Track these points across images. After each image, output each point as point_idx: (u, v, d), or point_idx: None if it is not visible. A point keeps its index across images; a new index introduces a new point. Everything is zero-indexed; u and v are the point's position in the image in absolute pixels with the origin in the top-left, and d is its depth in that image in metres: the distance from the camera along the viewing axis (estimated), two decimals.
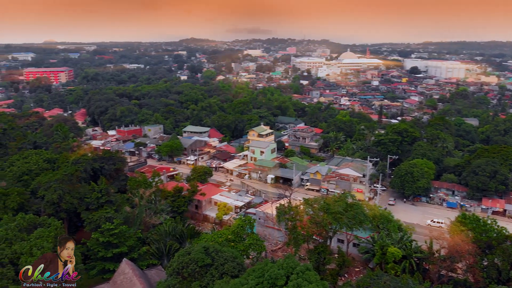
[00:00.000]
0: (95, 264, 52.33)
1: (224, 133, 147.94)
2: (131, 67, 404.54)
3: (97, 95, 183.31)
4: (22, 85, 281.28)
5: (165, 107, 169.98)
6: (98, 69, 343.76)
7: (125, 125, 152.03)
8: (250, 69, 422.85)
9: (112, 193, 63.17)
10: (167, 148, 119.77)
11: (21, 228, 44.08)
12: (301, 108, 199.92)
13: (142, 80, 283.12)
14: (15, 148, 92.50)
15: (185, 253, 42.52)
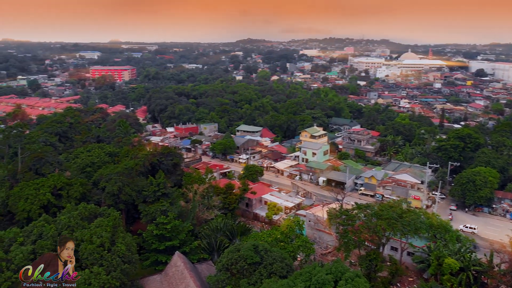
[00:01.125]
0: (149, 256, 54.47)
1: (276, 133, 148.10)
2: (190, 67, 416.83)
3: (157, 93, 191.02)
4: (88, 82, 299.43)
5: (220, 106, 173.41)
6: (158, 69, 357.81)
7: (182, 123, 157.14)
8: (305, 69, 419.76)
9: (168, 187, 65.32)
10: (220, 146, 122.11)
11: (83, 217, 46.75)
12: (357, 110, 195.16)
13: (200, 79, 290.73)
14: (80, 142, 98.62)
15: (234, 250, 43.03)
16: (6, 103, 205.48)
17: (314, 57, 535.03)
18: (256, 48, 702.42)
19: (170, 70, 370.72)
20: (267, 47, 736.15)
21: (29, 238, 41.67)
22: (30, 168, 68.28)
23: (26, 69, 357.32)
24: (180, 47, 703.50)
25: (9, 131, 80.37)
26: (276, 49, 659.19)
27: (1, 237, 41.28)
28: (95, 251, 40.72)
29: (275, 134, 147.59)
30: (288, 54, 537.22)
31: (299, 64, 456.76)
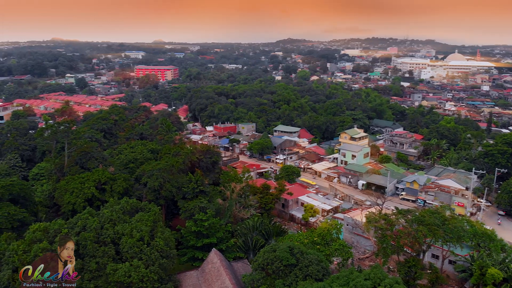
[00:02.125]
0: (187, 251, 55.50)
1: (314, 134, 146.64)
2: (230, 67, 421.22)
3: (198, 93, 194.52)
4: (133, 81, 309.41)
5: (258, 106, 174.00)
6: (200, 69, 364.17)
7: (221, 122, 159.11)
8: (346, 69, 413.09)
9: (206, 184, 66.27)
10: (258, 146, 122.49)
11: (125, 211, 48.22)
12: (400, 112, 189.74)
13: (239, 80, 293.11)
14: (124, 138, 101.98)
15: (270, 250, 42.96)
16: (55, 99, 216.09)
17: (356, 57, 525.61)
18: (296, 48, 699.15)
19: (211, 70, 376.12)
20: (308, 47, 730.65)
21: (73, 230, 43.41)
22: (76, 163, 71.30)
23: (74, 67, 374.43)
24: (221, 47, 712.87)
25: (57, 127, 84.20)
26: (317, 49, 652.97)
27: (47, 228, 43.23)
28: (135, 245, 41.93)
29: (313, 135, 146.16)
30: (329, 54, 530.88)
31: (340, 64, 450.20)
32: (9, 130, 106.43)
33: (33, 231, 42.35)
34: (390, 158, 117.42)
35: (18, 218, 54.08)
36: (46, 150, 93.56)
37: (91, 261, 40.26)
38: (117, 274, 39.46)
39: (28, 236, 41.80)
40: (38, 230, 42.51)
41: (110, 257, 41.38)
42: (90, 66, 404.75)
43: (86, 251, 40.92)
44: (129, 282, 39.46)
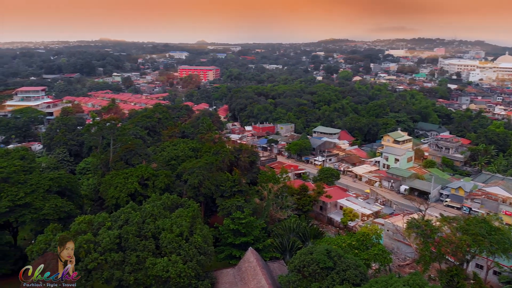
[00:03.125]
0: (224, 249, 56.08)
1: (355, 136, 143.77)
2: (271, 67, 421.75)
3: (238, 93, 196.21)
4: (176, 81, 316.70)
5: (298, 106, 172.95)
6: (241, 69, 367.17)
7: (260, 122, 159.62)
8: (390, 70, 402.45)
9: (244, 184, 66.69)
10: (296, 146, 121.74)
11: (165, 207, 49.39)
12: (447, 115, 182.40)
13: (279, 80, 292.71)
14: (167, 136, 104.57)
15: (307, 252, 42.55)
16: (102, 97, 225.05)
17: (401, 57, 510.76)
18: (339, 48, 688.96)
19: (251, 70, 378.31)
20: (350, 47, 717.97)
21: (116, 223, 44.91)
22: (121, 159, 73.87)
23: (120, 67, 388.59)
24: (262, 47, 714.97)
25: (104, 124, 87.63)
26: (360, 49, 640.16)
27: (91, 220, 45.02)
28: (174, 240, 42.84)
29: (355, 137, 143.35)
30: (373, 54, 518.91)
31: (384, 64, 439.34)
32: (58, 125, 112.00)
33: (78, 223, 44.27)
34: (435, 163, 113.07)
35: (65, 210, 56.74)
36: (92, 146, 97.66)
37: (132, 254, 41.52)
38: (155, 268, 40.48)
39: (74, 227, 43.71)
40: (83, 222, 44.39)
41: (150, 251, 42.48)
42: (136, 66, 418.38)
43: (128, 244, 42.24)
44: (167, 277, 40.36)
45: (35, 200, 55.69)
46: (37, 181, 58.43)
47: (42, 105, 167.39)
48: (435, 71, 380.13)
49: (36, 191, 56.78)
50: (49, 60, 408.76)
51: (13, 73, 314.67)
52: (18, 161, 63.06)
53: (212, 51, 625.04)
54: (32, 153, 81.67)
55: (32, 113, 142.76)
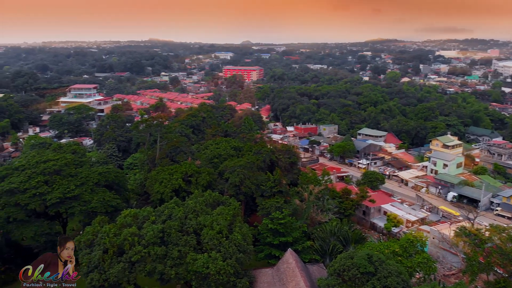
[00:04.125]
0: (263, 248, 56.18)
1: (402, 140, 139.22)
2: (315, 67, 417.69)
3: (281, 93, 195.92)
4: (221, 81, 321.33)
5: (342, 107, 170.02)
6: (284, 69, 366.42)
7: (302, 123, 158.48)
8: (440, 71, 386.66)
9: (284, 184, 66.50)
10: (339, 148, 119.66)
11: (207, 203, 50.20)
12: (500, 120, 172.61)
13: (324, 80, 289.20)
14: (210, 135, 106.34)
15: (348, 257, 41.72)
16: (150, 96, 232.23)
17: (452, 58, 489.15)
18: (387, 48, 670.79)
19: (295, 70, 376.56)
20: (399, 47, 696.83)
21: (160, 218, 46.19)
22: (167, 155, 76.01)
23: (168, 66, 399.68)
24: (307, 47, 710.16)
25: (151, 121, 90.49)
26: (409, 50, 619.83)
27: (137, 214, 46.57)
28: (215, 237, 43.45)
29: (401, 140, 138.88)
30: (422, 54, 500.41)
31: (434, 65, 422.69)
32: (108, 122, 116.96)
33: (124, 216, 45.94)
34: (486, 170, 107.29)
35: (112, 203, 59.13)
36: (140, 142, 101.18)
37: (174, 249, 42.53)
38: (196, 264, 41.22)
39: (120, 220, 45.40)
40: (129, 215, 46.01)
41: (192, 247, 43.31)
42: (183, 66, 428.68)
43: (170, 239, 43.32)
44: (207, 273, 40.99)
45: (84, 193, 58.45)
46: (87, 174, 61.32)
47: (94, 102, 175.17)
48: (489, 73, 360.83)
49: (85, 184, 59.59)
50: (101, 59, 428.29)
51: (67, 71, 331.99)
52: (70, 155, 66.50)
53: (257, 51, 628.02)
54: (83, 147, 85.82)
55: (84, 109, 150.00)
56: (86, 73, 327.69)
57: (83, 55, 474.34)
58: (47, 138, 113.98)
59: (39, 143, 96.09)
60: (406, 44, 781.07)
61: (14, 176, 59.08)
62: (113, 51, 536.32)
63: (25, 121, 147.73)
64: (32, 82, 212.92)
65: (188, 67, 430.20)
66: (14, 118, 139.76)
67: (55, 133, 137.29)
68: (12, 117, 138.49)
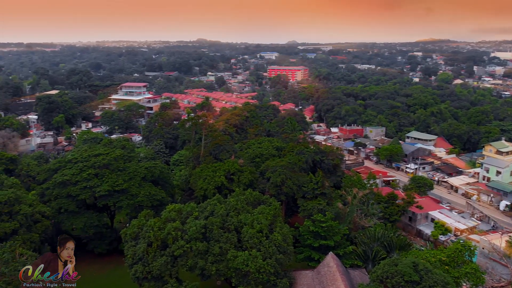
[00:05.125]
0: (303, 250, 55.71)
1: (453, 144, 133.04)
2: (362, 67, 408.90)
3: (326, 93, 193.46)
4: (265, 81, 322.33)
5: (390, 109, 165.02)
6: (330, 69, 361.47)
7: (347, 124, 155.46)
8: (496, 74, 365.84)
9: (327, 186, 65.55)
10: (386, 151, 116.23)
11: (248, 202, 50.51)
12: None
13: (371, 81, 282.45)
14: (253, 134, 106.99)
15: (391, 263, 40.41)
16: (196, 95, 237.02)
17: (508, 60, 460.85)
18: (438, 49, 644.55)
19: (341, 70, 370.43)
20: (452, 48, 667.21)
21: (202, 214, 47.01)
22: (210, 153, 77.35)
23: (215, 66, 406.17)
24: (354, 47, 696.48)
25: (197, 120, 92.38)
26: (462, 50, 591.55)
27: (181, 209, 47.68)
28: (255, 236, 43.59)
29: (452, 145, 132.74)
30: (476, 56, 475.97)
31: (488, 67, 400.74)
32: (156, 119, 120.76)
33: (168, 211, 47.20)
34: None
35: (158, 198, 61.05)
36: (186, 140, 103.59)
37: (215, 245, 43.10)
38: (236, 261, 41.55)
39: (164, 215, 46.72)
40: (173, 210, 47.23)
41: (232, 244, 43.72)
42: (229, 66, 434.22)
43: (212, 235, 43.96)
44: (247, 271, 41.20)
45: (132, 187, 60.74)
46: (135, 169, 63.69)
47: (143, 100, 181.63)
48: None
49: (133, 178, 61.91)
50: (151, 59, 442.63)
51: (119, 69, 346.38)
52: (119, 150, 69.31)
53: (302, 51, 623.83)
54: (132, 143, 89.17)
55: (134, 107, 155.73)
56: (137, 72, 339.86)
57: (134, 54, 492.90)
58: (98, 133, 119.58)
59: (91, 138, 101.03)
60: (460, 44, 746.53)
61: (66, 168, 62.49)
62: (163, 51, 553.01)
63: (78, 117, 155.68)
64: (85, 79, 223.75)
65: (233, 67, 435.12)
66: (68, 113, 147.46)
67: (106, 128, 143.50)
68: (67, 113, 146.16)
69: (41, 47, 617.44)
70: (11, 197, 50.83)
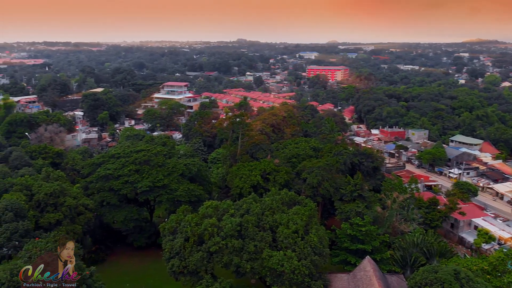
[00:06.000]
0: (339, 253, 54.87)
1: (500, 149, 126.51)
2: (405, 68, 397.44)
3: (366, 94, 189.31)
4: (303, 81, 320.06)
5: (434, 111, 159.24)
6: (372, 69, 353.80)
7: (389, 126, 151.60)
8: None
9: (366, 189, 64.26)
10: (429, 155, 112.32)
11: (284, 202, 50.36)
12: None
13: (414, 82, 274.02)
14: (289, 134, 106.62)
15: (431, 270, 39.01)
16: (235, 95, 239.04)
17: None
18: (486, 50, 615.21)
19: (383, 71, 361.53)
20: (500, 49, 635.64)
21: (238, 211, 47.37)
22: (247, 152, 77.89)
23: (253, 66, 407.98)
24: (397, 47, 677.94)
25: (234, 119, 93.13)
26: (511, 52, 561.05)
27: (217, 206, 48.30)
28: (290, 236, 43.39)
29: (499, 150, 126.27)
30: None
31: None
32: (196, 118, 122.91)
33: (206, 207, 47.96)
34: None
35: (195, 194, 62.16)
36: (223, 138, 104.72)
37: (250, 243, 43.29)
38: (271, 261, 41.54)
39: (202, 211, 47.51)
40: (210, 207, 47.92)
41: (267, 243, 43.76)
42: (267, 66, 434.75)
43: (247, 233, 44.18)
44: (282, 271, 41.09)
45: (171, 183, 62.22)
46: (174, 165, 65.16)
47: (184, 99, 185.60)
48: None
49: (172, 174, 63.35)
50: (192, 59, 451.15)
51: (161, 69, 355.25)
52: (160, 146, 71.15)
53: (343, 50, 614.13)
54: (172, 141, 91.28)
55: (175, 105, 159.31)
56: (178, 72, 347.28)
57: (176, 54, 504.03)
58: (140, 130, 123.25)
59: (133, 134, 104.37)
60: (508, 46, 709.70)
61: (109, 163, 64.87)
62: (204, 51, 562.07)
63: (122, 114, 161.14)
64: (129, 78, 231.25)
65: (272, 67, 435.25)
66: (112, 110, 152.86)
67: (148, 126, 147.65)
68: (111, 110, 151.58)
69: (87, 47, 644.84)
70: (57, 189, 53.34)
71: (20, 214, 47.31)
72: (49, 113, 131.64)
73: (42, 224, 50.13)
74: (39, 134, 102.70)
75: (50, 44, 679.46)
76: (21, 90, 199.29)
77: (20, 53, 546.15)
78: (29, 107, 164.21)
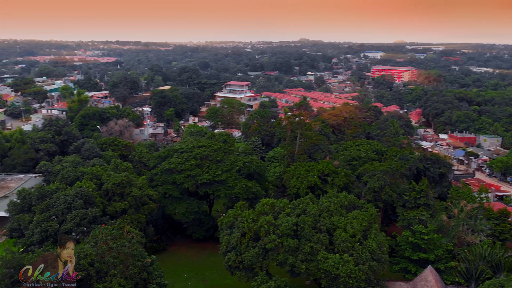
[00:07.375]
0: (399, 261, 52.75)
1: None
2: (478, 70, 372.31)
3: (435, 96, 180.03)
4: (367, 81, 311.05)
5: (508, 117, 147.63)
6: (442, 71, 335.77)
7: (458, 131, 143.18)
8: None
9: (431, 197, 61.22)
10: (501, 164, 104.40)
11: (342, 205, 49.28)
12: None
13: (488, 85, 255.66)
14: (350, 136, 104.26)
15: (498, 284, 36.42)
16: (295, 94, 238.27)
17: None
18: None
19: (454, 72, 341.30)
20: None
21: (294, 211, 47.22)
22: (305, 152, 77.30)
23: (315, 66, 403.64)
24: (469, 48, 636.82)
25: (293, 118, 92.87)
26: None
27: (274, 204, 48.46)
28: (348, 240, 42.45)
29: None
30: None
31: None
32: (255, 117, 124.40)
33: (262, 204, 48.36)
34: None
35: (253, 191, 62.97)
36: (281, 138, 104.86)
37: (306, 244, 42.97)
38: (327, 263, 40.94)
39: (258, 208, 47.96)
40: (267, 204, 48.24)
41: (324, 245, 43.17)
42: (330, 65, 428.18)
43: (303, 233, 43.90)
44: (337, 274, 40.35)
45: (229, 179, 63.58)
46: (232, 162, 66.49)
47: (245, 98, 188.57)
48: None
49: (230, 170, 64.68)
50: (254, 59, 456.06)
51: (224, 68, 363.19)
52: (221, 143, 72.90)
53: (411, 51, 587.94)
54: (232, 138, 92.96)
55: (236, 104, 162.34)
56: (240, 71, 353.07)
57: (239, 54, 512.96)
58: (203, 127, 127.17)
59: (196, 131, 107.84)
60: None
61: (174, 157, 67.59)
62: (266, 51, 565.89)
63: (186, 111, 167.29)
64: (194, 77, 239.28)
65: (334, 67, 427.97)
66: (178, 108, 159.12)
67: (211, 123, 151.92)
68: (176, 107, 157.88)
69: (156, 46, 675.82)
70: (124, 180, 56.54)
71: (89, 201, 50.58)
72: (120, 108, 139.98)
73: (109, 212, 53.27)
74: (110, 128, 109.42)
75: (122, 43, 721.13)
76: (95, 86, 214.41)
77: (94, 51, 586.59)
78: (101, 102, 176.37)
